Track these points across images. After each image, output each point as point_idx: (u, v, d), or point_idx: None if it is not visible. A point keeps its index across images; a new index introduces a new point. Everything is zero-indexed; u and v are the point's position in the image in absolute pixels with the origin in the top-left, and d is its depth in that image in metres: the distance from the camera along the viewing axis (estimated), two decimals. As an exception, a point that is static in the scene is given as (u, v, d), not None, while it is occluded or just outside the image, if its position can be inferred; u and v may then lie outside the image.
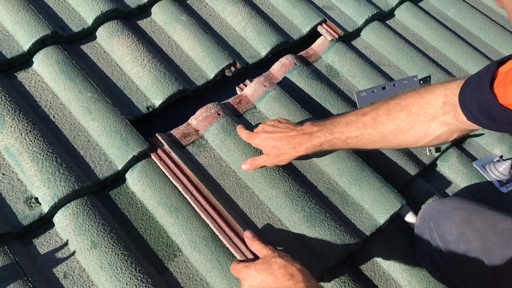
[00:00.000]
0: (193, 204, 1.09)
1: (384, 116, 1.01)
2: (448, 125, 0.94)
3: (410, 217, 1.22)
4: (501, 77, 0.79)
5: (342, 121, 1.07)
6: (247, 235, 1.03)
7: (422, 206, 1.22)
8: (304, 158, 1.22)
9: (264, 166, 1.16)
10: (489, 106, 0.80)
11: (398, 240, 1.21)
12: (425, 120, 0.96)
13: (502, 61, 0.81)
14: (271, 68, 1.45)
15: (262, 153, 1.17)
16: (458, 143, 1.45)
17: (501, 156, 1.41)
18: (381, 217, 1.15)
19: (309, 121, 1.16)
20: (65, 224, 1.03)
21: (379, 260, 1.18)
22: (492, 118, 0.81)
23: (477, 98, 0.83)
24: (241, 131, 1.20)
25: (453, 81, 0.93)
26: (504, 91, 0.77)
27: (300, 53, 1.53)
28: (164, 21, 1.44)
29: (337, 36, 1.55)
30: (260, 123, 1.22)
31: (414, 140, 1.00)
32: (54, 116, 1.18)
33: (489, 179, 1.35)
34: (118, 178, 1.14)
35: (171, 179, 1.12)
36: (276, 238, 1.09)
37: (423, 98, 0.96)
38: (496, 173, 1.34)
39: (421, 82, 1.52)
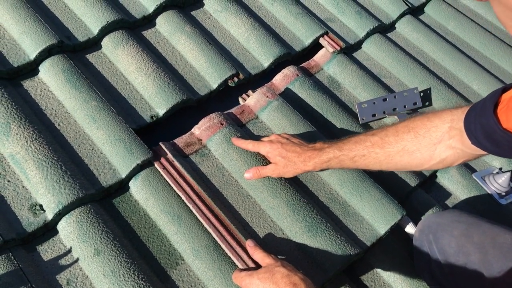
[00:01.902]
0: (195, 213, 1.10)
1: (392, 137, 1.03)
2: (453, 149, 0.95)
3: (410, 228, 1.23)
4: (504, 103, 0.81)
5: (351, 139, 1.09)
6: (249, 243, 1.04)
7: (422, 218, 1.23)
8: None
9: (268, 176, 1.17)
10: (492, 130, 0.81)
11: (398, 251, 1.22)
12: (431, 143, 0.97)
13: (506, 88, 0.83)
14: (274, 79, 1.47)
15: (266, 163, 1.18)
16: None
17: (500, 168, 1.42)
18: (382, 228, 1.16)
19: (316, 136, 1.17)
20: (69, 231, 1.04)
21: (379, 270, 1.18)
22: (495, 142, 0.83)
23: (481, 123, 0.84)
24: (242, 141, 1.20)
25: (460, 108, 0.94)
26: (507, 115, 0.79)
27: (302, 65, 1.55)
28: (168, 32, 1.46)
29: (338, 48, 1.57)
30: (265, 135, 1.23)
31: (419, 162, 1.01)
32: (59, 124, 1.19)
33: (488, 191, 1.36)
34: (122, 186, 1.15)
35: (174, 187, 1.13)
36: (278, 248, 1.10)
37: (430, 122, 0.98)
38: (496, 185, 1.35)
39: (421, 94, 1.54)
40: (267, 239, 1.12)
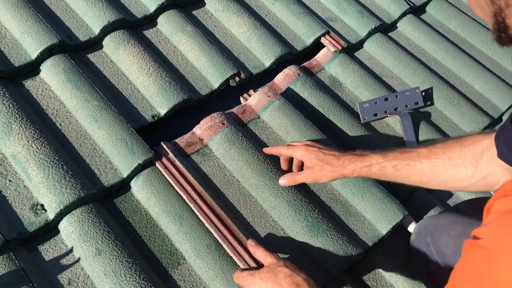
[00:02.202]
0: (197, 213, 1.10)
1: (440, 148, 1.02)
2: (493, 165, 0.93)
3: (413, 228, 1.23)
4: None
5: (397, 149, 1.07)
6: (251, 243, 1.04)
7: (420, 220, 1.22)
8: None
9: (302, 182, 1.14)
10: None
11: (400, 251, 1.22)
12: (474, 158, 0.96)
13: None
14: (275, 78, 1.47)
15: (268, 163, 1.17)
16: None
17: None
18: (384, 228, 1.16)
19: (317, 137, 1.16)
20: (70, 231, 1.04)
21: (381, 270, 1.18)
22: None
23: (504, 135, 0.85)
24: (273, 148, 1.19)
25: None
26: None
27: (304, 64, 1.54)
28: (169, 31, 1.46)
29: (340, 48, 1.57)
30: (266, 135, 1.23)
31: (462, 177, 0.99)
32: (60, 124, 1.19)
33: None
34: (123, 186, 1.15)
35: (176, 187, 1.13)
36: (279, 247, 1.10)
37: (475, 136, 0.98)
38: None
39: (423, 93, 1.54)
40: (269, 239, 1.12)
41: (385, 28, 1.74)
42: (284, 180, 1.15)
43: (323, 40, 1.59)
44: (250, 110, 1.35)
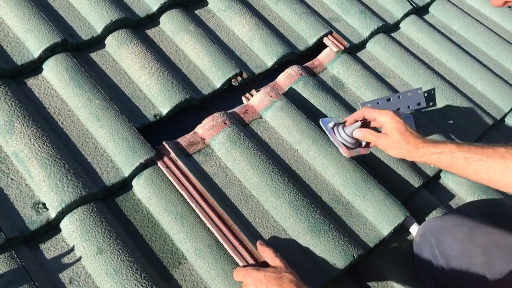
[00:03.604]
0: (198, 212, 1.10)
1: None
2: None
3: (415, 229, 1.22)
4: None
5: (474, 143, 1.05)
6: (260, 242, 1.06)
7: (423, 222, 1.22)
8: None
9: (372, 142, 1.14)
10: None
11: (401, 252, 1.21)
12: None
13: None
14: (277, 78, 1.46)
15: (270, 164, 1.17)
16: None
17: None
18: (385, 229, 1.16)
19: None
20: (72, 230, 1.04)
21: (382, 271, 1.18)
22: None
23: None
24: (356, 112, 1.18)
25: None
26: None
27: (306, 64, 1.54)
28: (172, 31, 1.46)
29: (342, 48, 1.57)
30: (269, 135, 1.23)
31: None
32: (62, 123, 1.19)
33: (335, 143, 1.23)
34: (125, 185, 1.15)
35: (177, 187, 1.13)
36: (280, 248, 1.10)
37: None
38: (344, 135, 1.22)
39: (426, 94, 1.54)
40: (270, 239, 1.12)
41: (388, 29, 1.74)
42: (359, 133, 1.15)
43: (325, 40, 1.59)
44: (252, 110, 1.35)
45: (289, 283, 0.92)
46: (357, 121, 1.20)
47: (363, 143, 1.22)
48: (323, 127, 1.24)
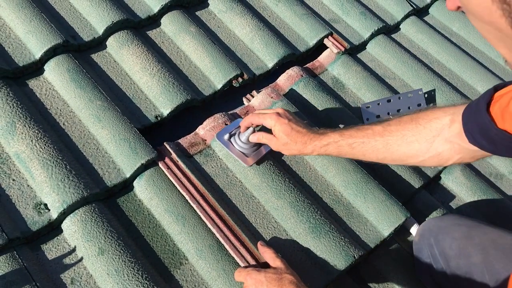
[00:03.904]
0: (199, 213, 1.10)
1: (394, 126, 1.02)
2: (451, 143, 0.94)
3: (415, 229, 1.23)
4: (496, 101, 0.81)
5: (355, 127, 1.08)
6: (261, 242, 1.06)
7: (422, 222, 1.22)
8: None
9: (265, 144, 1.16)
10: (487, 128, 0.81)
11: (402, 252, 1.22)
12: (431, 134, 0.97)
13: (498, 87, 0.83)
14: (278, 79, 1.47)
15: (271, 164, 1.18)
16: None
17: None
18: (386, 230, 1.16)
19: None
20: (73, 231, 1.04)
21: (383, 272, 1.18)
22: (491, 140, 0.82)
23: (477, 121, 0.84)
24: (245, 118, 1.17)
25: (463, 104, 0.94)
26: (502, 115, 0.79)
27: (307, 65, 1.55)
28: (173, 32, 1.46)
29: (343, 49, 1.57)
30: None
31: (415, 153, 1.00)
32: (64, 124, 1.20)
33: (234, 155, 1.20)
34: (126, 185, 1.15)
35: (178, 187, 1.13)
36: (281, 249, 1.10)
37: (433, 113, 0.98)
38: (241, 144, 1.20)
39: (426, 95, 1.54)
40: (271, 240, 1.12)
41: (388, 30, 1.74)
42: (255, 137, 1.16)
43: (326, 41, 1.59)
44: (253, 111, 1.35)
45: (290, 284, 0.92)
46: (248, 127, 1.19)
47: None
48: (219, 142, 1.22)
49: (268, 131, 1.15)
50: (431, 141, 0.97)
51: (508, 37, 0.57)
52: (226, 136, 1.21)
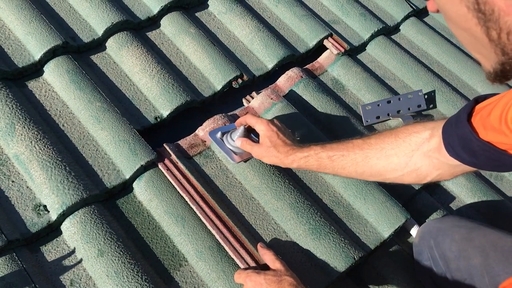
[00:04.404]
0: (199, 214, 1.10)
1: (374, 139, 1.02)
2: (429, 158, 0.93)
3: (415, 231, 1.22)
4: (477, 112, 0.81)
5: (336, 141, 1.08)
6: (261, 244, 1.06)
7: (422, 223, 1.22)
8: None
9: (248, 151, 1.16)
10: (468, 139, 0.80)
11: (402, 254, 1.21)
12: (410, 148, 0.96)
13: (478, 99, 0.83)
14: (278, 80, 1.47)
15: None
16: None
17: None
18: (386, 231, 1.16)
19: (319, 138, 1.16)
20: (73, 232, 1.04)
21: (383, 273, 1.18)
22: (472, 152, 0.81)
23: (457, 133, 0.83)
24: (242, 117, 1.19)
25: (443, 119, 0.92)
26: (483, 125, 0.78)
27: (306, 66, 1.54)
28: (173, 33, 1.46)
29: (343, 50, 1.57)
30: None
31: (394, 167, 0.98)
32: (63, 125, 1.20)
33: (223, 151, 1.21)
34: (126, 187, 1.15)
35: (178, 189, 1.13)
36: (281, 250, 1.10)
37: (412, 128, 0.97)
38: (232, 142, 1.20)
39: (426, 96, 1.54)
40: (271, 241, 1.12)
41: (388, 31, 1.74)
42: (239, 142, 1.16)
43: (326, 42, 1.59)
44: (253, 112, 1.35)
45: (289, 286, 0.92)
46: (243, 125, 1.20)
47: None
48: (211, 139, 1.22)
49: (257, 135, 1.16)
50: (410, 155, 0.96)
51: (482, 44, 0.57)
52: (219, 135, 1.21)
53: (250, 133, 1.20)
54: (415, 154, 0.95)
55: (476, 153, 0.81)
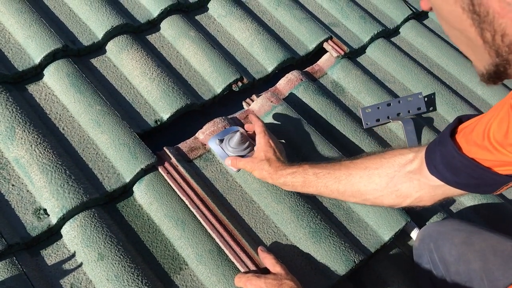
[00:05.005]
0: (199, 218, 1.10)
1: (360, 159, 1.02)
2: (410, 179, 0.92)
3: (416, 234, 1.22)
4: (461, 130, 0.81)
5: (326, 162, 1.09)
6: (261, 248, 1.06)
7: (422, 227, 1.22)
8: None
9: (242, 168, 1.19)
10: (451, 155, 0.80)
11: (402, 257, 1.21)
12: (392, 168, 0.95)
13: (462, 118, 0.83)
14: (278, 83, 1.47)
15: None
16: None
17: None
18: (386, 234, 1.16)
19: (318, 141, 1.16)
20: (73, 236, 1.04)
21: (383, 276, 1.18)
22: (454, 170, 0.81)
23: (440, 150, 0.83)
24: (250, 124, 1.22)
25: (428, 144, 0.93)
26: (465, 141, 0.78)
27: (306, 69, 1.55)
28: (172, 36, 1.46)
29: (342, 53, 1.57)
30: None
31: (374, 187, 0.98)
32: (63, 129, 1.20)
33: (222, 159, 1.23)
34: (126, 190, 1.15)
35: (178, 192, 1.13)
36: (281, 253, 1.10)
37: (399, 150, 0.97)
38: (230, 148, 1.22)
39: (426, 99, 1.54)
40: (271, 244, 1.12)
41: (388, 34, 1.74)
42: (229, 161, 1.19)
43: (325, 45, 1.59)
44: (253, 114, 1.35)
45: None
46: (247, 130, 1.25)
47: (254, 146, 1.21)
48: (211, 147, 1.24)
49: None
50: (392, 176, 0.95)
51: (476, 45, 0.58)
52: (217, 142, 1.24)
53: (248, 138, 1.21)
54: (396, 175, 0.94)
55: (458, 170, 0.80)
